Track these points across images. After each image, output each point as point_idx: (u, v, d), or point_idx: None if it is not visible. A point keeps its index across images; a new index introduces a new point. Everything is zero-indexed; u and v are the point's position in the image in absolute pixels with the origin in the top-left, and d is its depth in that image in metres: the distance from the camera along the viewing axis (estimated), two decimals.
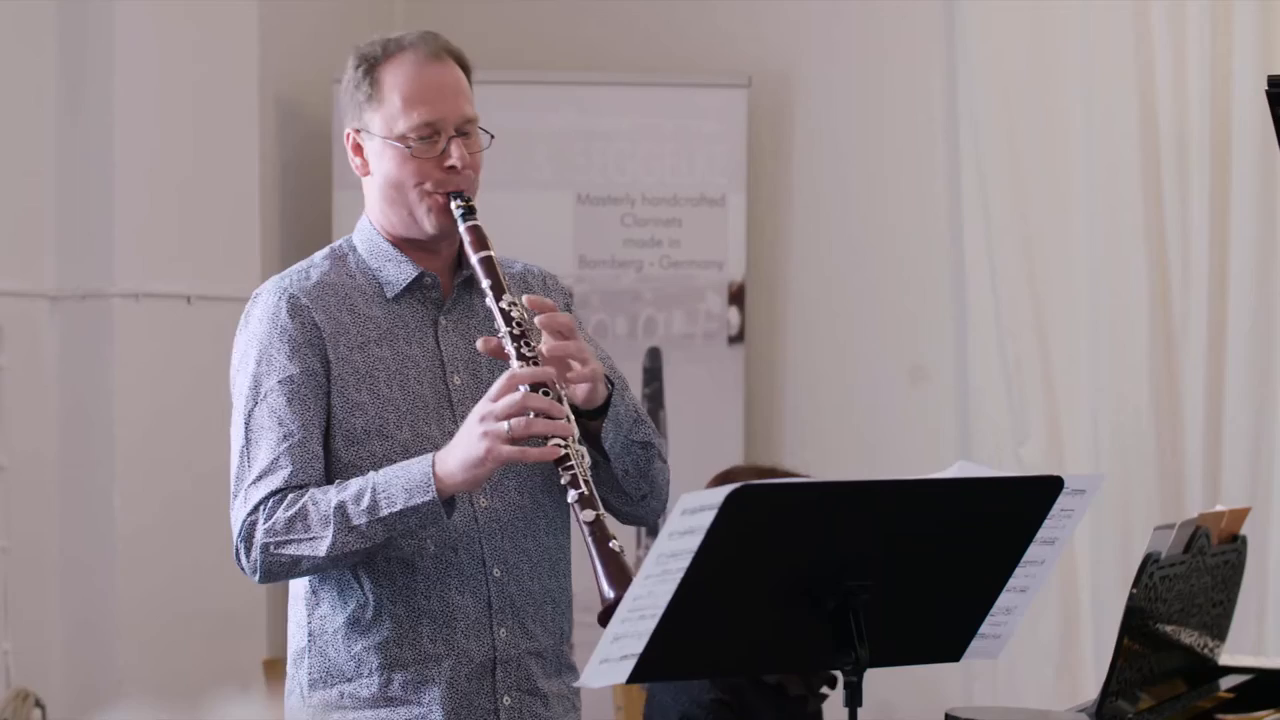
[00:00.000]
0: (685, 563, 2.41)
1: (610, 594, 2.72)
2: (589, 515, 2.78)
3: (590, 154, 5.98)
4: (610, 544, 2.75)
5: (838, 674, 2.59)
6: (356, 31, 3.11)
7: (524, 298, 2.91)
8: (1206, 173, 5.37)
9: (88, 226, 5.26)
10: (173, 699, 2.08)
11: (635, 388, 5.90)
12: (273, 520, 2.86)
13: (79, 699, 5.12)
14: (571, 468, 2.80)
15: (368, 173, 3.03)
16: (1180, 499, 5.40)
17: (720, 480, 3.95)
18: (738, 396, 6.00)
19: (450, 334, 3.03)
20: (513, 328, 2.88)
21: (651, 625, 2.44)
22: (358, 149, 3.04)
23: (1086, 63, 5.55)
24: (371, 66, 3.01)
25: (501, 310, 2.89)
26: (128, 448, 5.24)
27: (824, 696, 4.19)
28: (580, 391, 2.89)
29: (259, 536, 2.87)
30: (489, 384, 2.91)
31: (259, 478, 2.90)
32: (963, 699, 5.55)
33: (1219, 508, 3.58)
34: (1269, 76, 3.08)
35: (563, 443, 2.80)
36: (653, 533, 5.70)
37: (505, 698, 2.97)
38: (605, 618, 2.68)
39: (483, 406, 2.82)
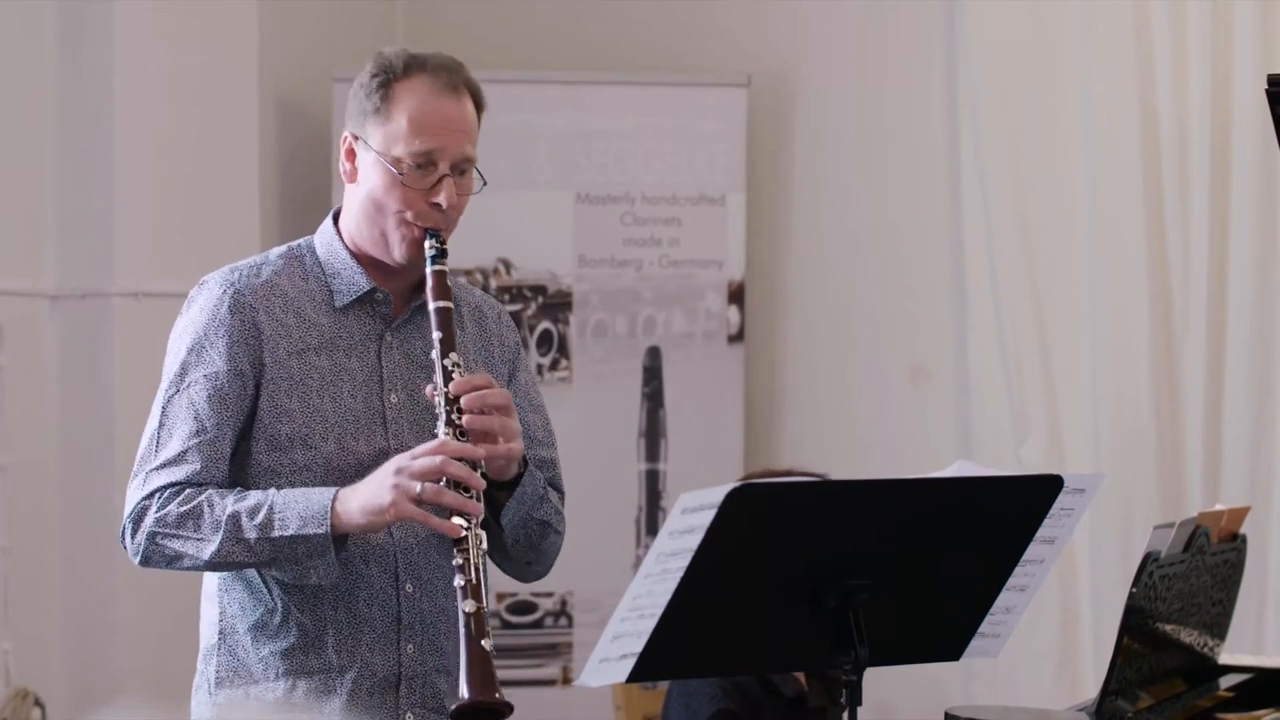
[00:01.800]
0: (685, 562, 2.41)
1: (466, 695, 2.71)
2: (470, 606, 2.76)
3: (590, 153, 5.97)
4: (483, 642, 2.74)
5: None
6: (356, 32, 3.11)
7: (452, 386, 2.85)
8: (1206, 172, 5.37)
9: (88, 226, 5.26)
10: (172, 700, 2.08)
11: (634, 387, 5.94)
12: (165, 511, 2.87)
13: (79, 698, 5.12)
14: (466, 550, 2.78)
15: (354, 180, 3.01)
16: (1180, 498, 5.39)
17: None
18: (737, 396, 6.00)
19: (394, 351, 3.00)
20: (449, 390, 2.85)
21: (651, 624, 2.44)
22: (351, 154, 3.02)
23: (1086, 63, 5.54)
24: (388, 80, 2.96)
25: (444, 368, 2.87)
26: (128, 447, 5.18)
27: (844, 706, 4.16)
28: (494, 466, 2.88)
29: (148, 523, 2.88)
30: (426, 408, 2.92)
31: (163, 465, 2.91)
32: (962, 698, 5.55)
33: (1219, 507, 3.58)
34: (1269, 76, 3.08)
35: (465, 522, 2.79)
36: (653, 531, 5.71)
37: (408, 714, 2.96)
38: (456, 716, 2.70)
39: (401, 459, 2.81)
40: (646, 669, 2.49)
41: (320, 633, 2.92)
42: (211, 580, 3.01)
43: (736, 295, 6.02)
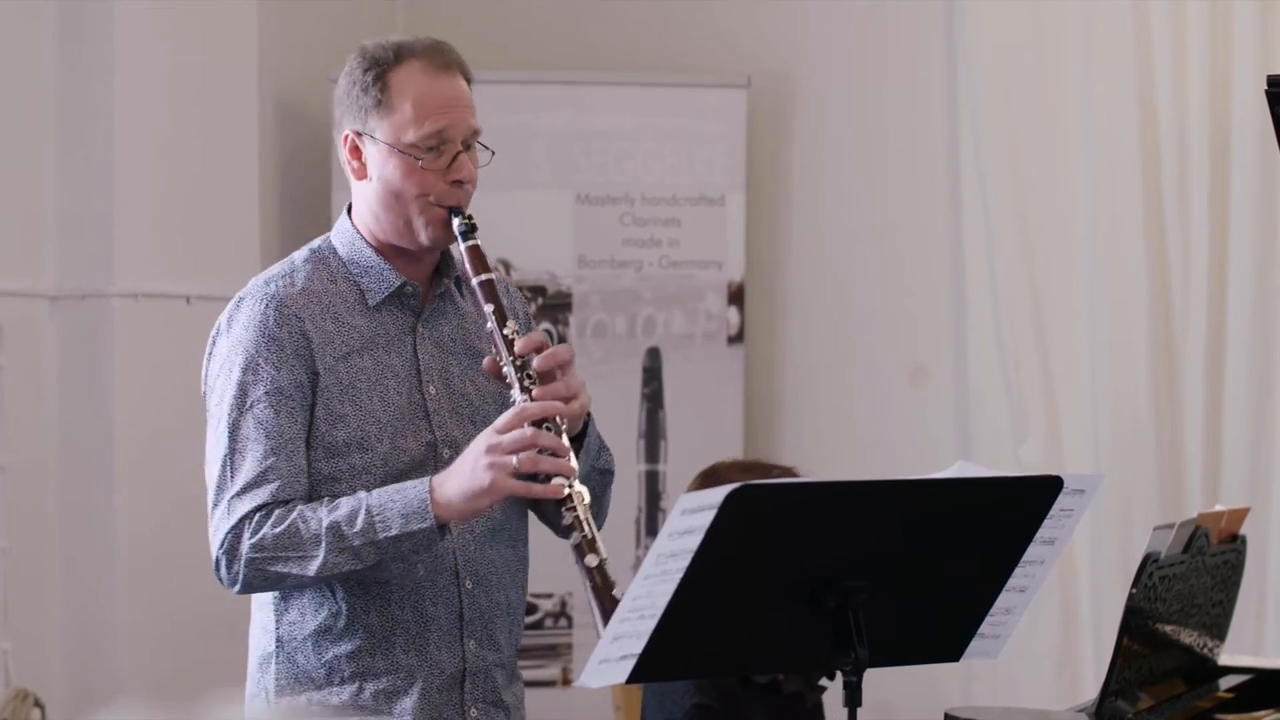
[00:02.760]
0: (685, 563, 2.41)
1: None
2: (592, 560, 2.77)
3: (590, 154, 5.97)
4: (614, 592, 2.74)
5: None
6: (356, 32, 3.12)
7: (518, 343, 2.87)
8: (1206, 172, 5.37)
9: (88, 226, 5.26)
10: (171, 699, 2.07)
11: (634, 387, 5.94)
12: (260, 535, 2.83)
13: (79, 699, 5.12)
14: (574, 509, 2.80)
15: (364, 177, 3.00)
16: (1180, 499, 5.39)
17: (704, 477, 3.91)
18: (737, 396, 6.00)
19: (426, 343, 3.01)
20: (515, 358, 2.86)
21: (651, 625, 2.44)
22: (356, 151, 3.02)
23: (1086, 63, 5.55)
24: (382, 71, 2.98)
25: (505, 338, 2.88)
26: (128, 448, 5.24)
27: (822, 689, 4.16)
28: (571, 428, 2.89)
29: (244, 551, 2.84)
30: (461, 394, 2.94)
31: (244, 490, 2.86)
32: (962, 699, 5.54)
33: (1218, 507, 3.58)
34: (1269, 76, 3.09)
35: (566, 482, 2.80)
36: (652, 532, 5.71)
37: (472, 709, 2.97)
38: None
39: (489, 438, 2.81)
40: (646, 670, 2.49)
41: (388, 634, 2.92)
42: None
43: (736, 296, 6.02)
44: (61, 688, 5.13)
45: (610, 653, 2.45)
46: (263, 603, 3.00)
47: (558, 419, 2.84)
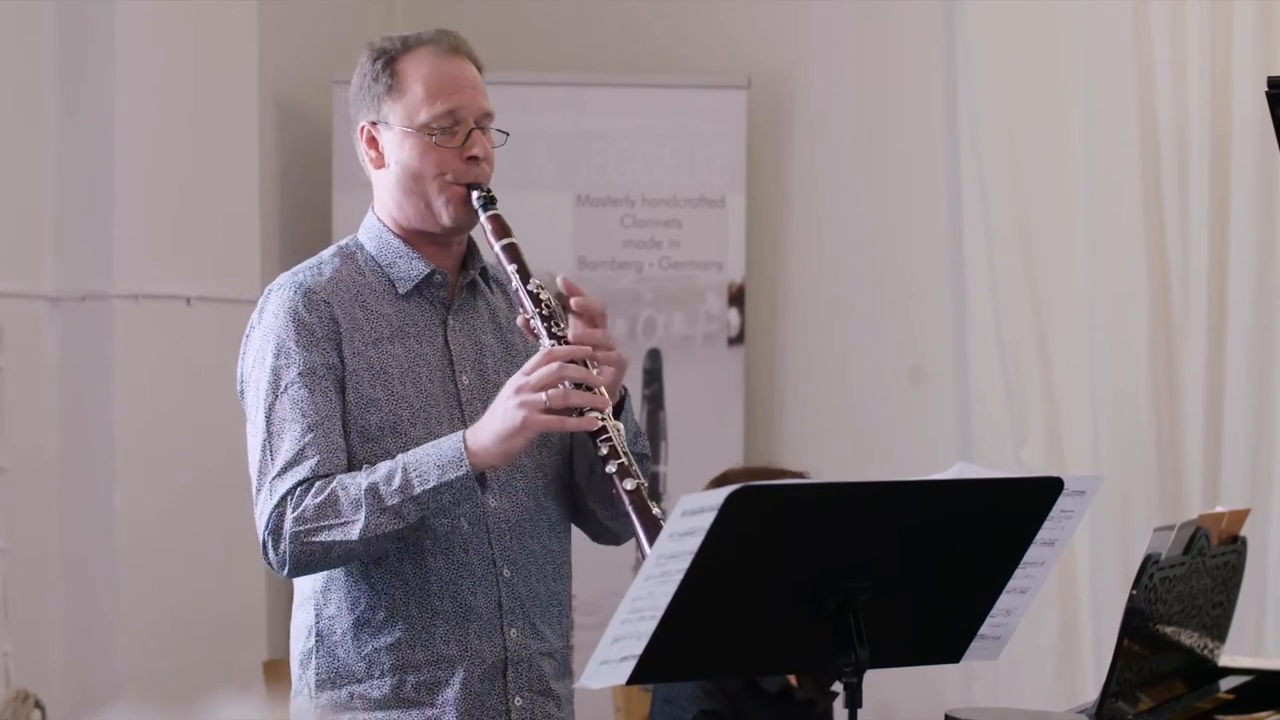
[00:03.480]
0: (685, 564, 2.41)
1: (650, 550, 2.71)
2: (630, 484, 2.77)
3: (590, 155, 5.98)
4: (654, 511, 2.75)
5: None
6: (356, 32, 3.13)
7: (560, 279, 2.91)
8: (1206, 173, 5.37)
9: (87, 228, 5.26)
10: (172, 700, 2.07)
11: (635, 389, 5.94)
12: (301, 508, 2.83)
13: (79, 700, 5.12)
14: (609, 439, 2.79)
15: (383, 165, 3.02)
16: (1180, 500, 5.40)
17: (717, 483, 3.93)
18: (737, 398, 6.00)
19: (458, 333, 3.03)
20: (542, 309, 2.88)
21: (651, 626, 2.44)
22: (372, 142, 3.03)
23: (1086, 63, 5.55)
24: (391, 59, 3.01)
25: (530, 293, 2.90)
26: (128, 449, 5.24)
27: (834, 695, 4.15)
28: (606, 376, 2.88)
29: (288, 526, 2.84)
30: (495, 384, 2.93)
31: (284, 470, 2.87)
32: (963, 700, 5.55)
33: (1219, 509, 3.58)
34: (1269, 78, 3.08)
35: (600, 415, 2.80)
36: None
37: (516, 698, 2.97)
38: None
39: (517, 379, 2.82)
40: (647, 671, 2.49)
41: (428, 625, 2.92)
42: (305, 584, 2.99)
43: (736, 297, 6.02)
44: (62, 689, 5.14)
45: (611, 654, 2.45)
46: (303, 600, 3.00)
47: (588, 362, 2.84)
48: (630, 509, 2.76)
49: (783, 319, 6.22)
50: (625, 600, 2.43)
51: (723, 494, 2.38)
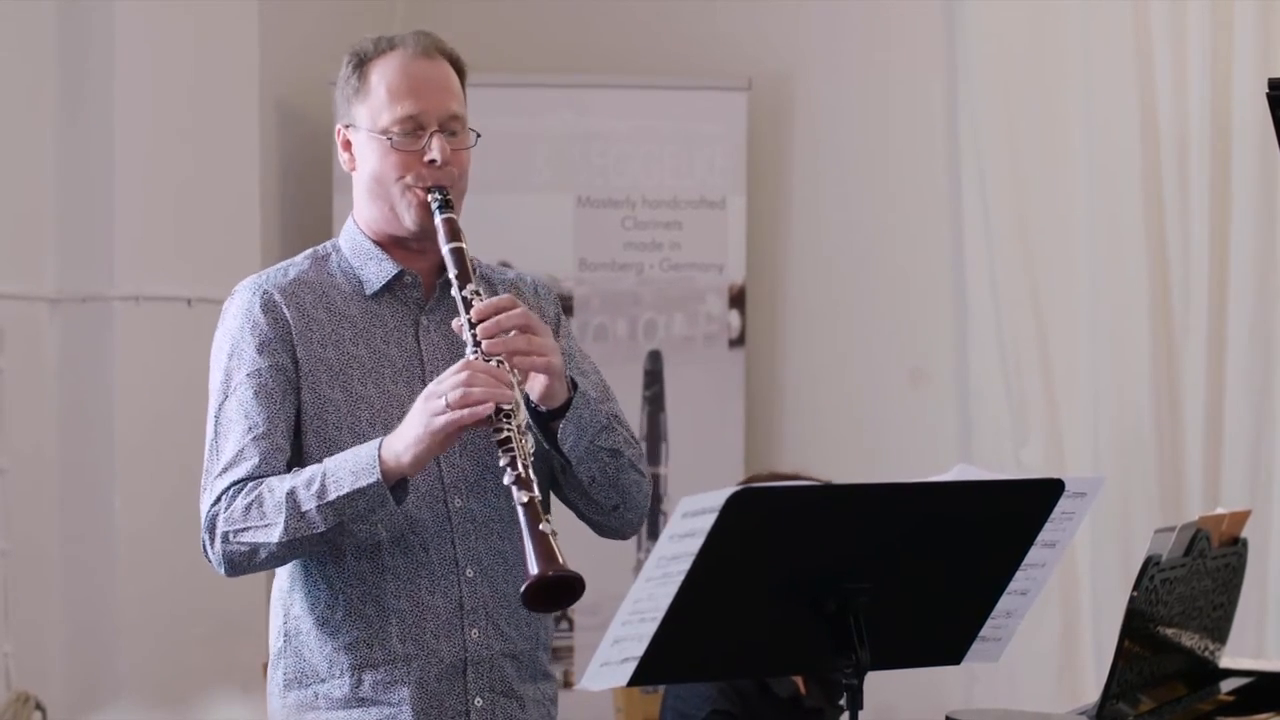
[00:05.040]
0: (686, 565, 2.41)
1: (535, 570, 2.70)
2: (524, 497, 2.75)
3: (590, 156, 5.98)
4: (541, 526, 2.73)
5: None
6: (356, 33, 3.12)
7: (477, 306, 2.87)
8: (1206, 173, 5.37)
9: (88, 229, 5.26)
10: (172, 700, 2.08)
11: (636, 390, 5.94)
12: (231, 508, 2.86)
13: (79, 701, 5.12)
14: (511, 449, 2.77)
15: (354, 168, 3.04)
16: (1180, 501, 5.40)
17: None
18: (738, 399, 6.00)
19: (432, 334, 3.01)
20: (471, 315, 2.87)
21: (652, 628, 2.44)
22: (346, 144, 3.05)
23: (1086, 63, 5.55)
24: (362, 62, 3.02)
25: (464, 298, 2.88)
26: (128, 450, 5.24)
27: (843, 710, 4.16)
28: (537, 385, 2.87)
29: (220, 526, 2.87)
30: None
31: (224, 470, 2.90)
32: (963, 701, 5.55)
33: (1219, 510, 3.58)
34: (1270, 80, 3.08)
35: (506, 418, 2.77)
36: (654, 535, 5.71)
37: (477, 699, 2.95)
38: (528, 595, 2.69)
39: (430, 387, 2.82)
40: (647, 672, 2.49)
41: (384, 624, 2.92)
42: (276, 584, 3.01)
43: (737, 299, 6.02)
44: (62, 690, 5.14)
45: (611, 655, 2.46)
46: (275, 600, 3.02)
47: (509, 365, 2.82)
48: (523, 520, 2.75)
49: (783, 320, 6.22)
50: (626, 602, 2.43)
51: (723, 495, 2.38)
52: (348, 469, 2.82)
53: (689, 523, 2.40)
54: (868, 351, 6.09)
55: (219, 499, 2.88)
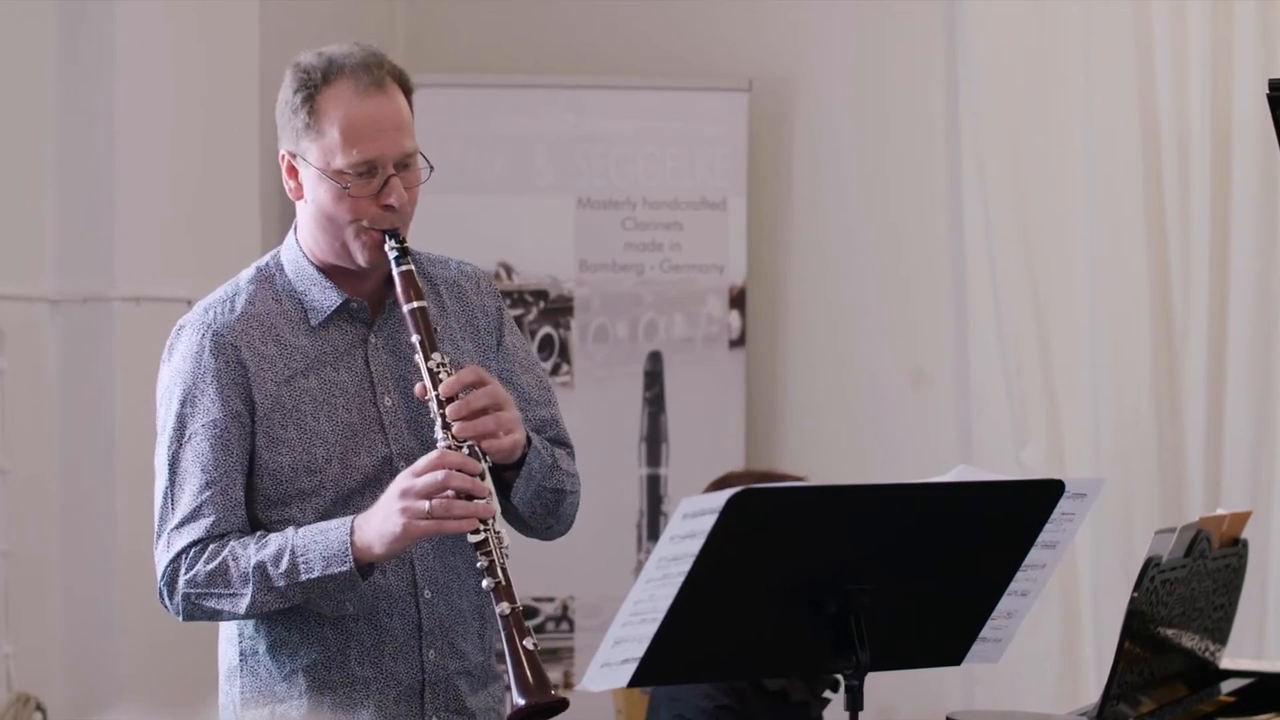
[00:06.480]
0: (686, 566, 2.41)
1: (520, 701, 2.73)
2: (505, 608, 2.78)
3: (591, 157, 5.97)
4: (525, 643, 2.75)
5: (839, 677, 2.59)
6: (357, 34, 3.11)
7: (445, 383, 2.85)
8: (1206, 173, 5.37)
9: (88, 230, 5.26)
10: (172, 702, 2.08)
11: (636, 391, 5.94)
12: (194, 572, 2.90)
13: (80, 703, 5.11)
14: (490, 553, 2.80)
15: (301, 197, 3.00)
16: (1181, 502, 5.39)
17: (716, 486, 3.94)
18: (739, 400, 6.00)
19: (380, 352, 2.99)
20: (439, 392, 2.85)
21: (652, 629, 2.44)
22: (292, 171, 3.01)
23: (1086, 63, 5.54)
24: (311, 93, 2.98)
25: (430, 371, 2.87)
26: (129, 451, 5.23)
27: (826, 701, 4.18)
28: (503, 449, 2.88)
29: (180, 586, 2.92)
30: (420, 404, 2.90)
31: (181, 524, 2.93)
32: (964, 702, 5.55)
33: (1220, 511, 3.58)
34: (1270, 81, 3.08)
35: (482, 527, 2.80)
36: (654, 536, 5.71)
37: (433, 718, 2.97)
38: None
39: (405, 480, 2.81)
40: (648, 673, 2.49)
41: (343, 646, 2.93)
42: None
43: (738, 300, 6.02)
44: (63, 692, 5.13)
45: (612, 656, 2.46)
46: None
47: (480, 451, 2.83)
48: (504, 636, 2.77)
49: (784, 321, 6.21)
50: (626, 603, 2.44)
51: (724, 497, 2.38)
52: (318, 553, 2.83)
53: (689, 524, 2.40)
54: (868, 353, 6.09)
55: (178, 557, 2.92)
